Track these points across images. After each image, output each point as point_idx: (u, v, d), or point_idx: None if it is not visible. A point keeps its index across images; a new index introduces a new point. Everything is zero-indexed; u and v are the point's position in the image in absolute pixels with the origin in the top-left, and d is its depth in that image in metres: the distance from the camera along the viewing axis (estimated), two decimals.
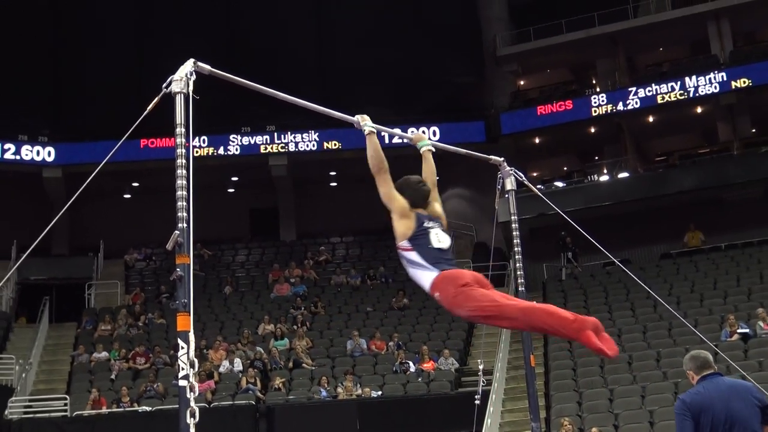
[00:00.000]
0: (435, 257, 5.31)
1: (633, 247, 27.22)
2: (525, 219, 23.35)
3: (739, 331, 19.22)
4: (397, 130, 7.46)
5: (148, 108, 4.95)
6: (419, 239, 5.35)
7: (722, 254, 25.41)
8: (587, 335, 4.80)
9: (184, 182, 4.71)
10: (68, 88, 30.53)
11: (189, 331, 4.57)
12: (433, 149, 6.30)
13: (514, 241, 7.81)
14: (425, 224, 5.41)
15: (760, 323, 19.32)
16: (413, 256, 5.35)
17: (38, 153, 28.42)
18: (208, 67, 5.01)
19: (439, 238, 5.40)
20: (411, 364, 21.09)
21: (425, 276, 5.29)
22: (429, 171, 6.06)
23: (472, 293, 5.09)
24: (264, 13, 31.11)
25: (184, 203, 4.70)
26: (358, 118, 5.94)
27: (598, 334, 4.84)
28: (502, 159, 7.75)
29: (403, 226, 5.40)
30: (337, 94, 29.62)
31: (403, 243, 5.40)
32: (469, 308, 5.11)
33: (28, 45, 30.02)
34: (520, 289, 8.24)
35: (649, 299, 21.20)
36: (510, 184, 7.59)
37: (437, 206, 5.68)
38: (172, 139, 4.96)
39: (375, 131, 5.80)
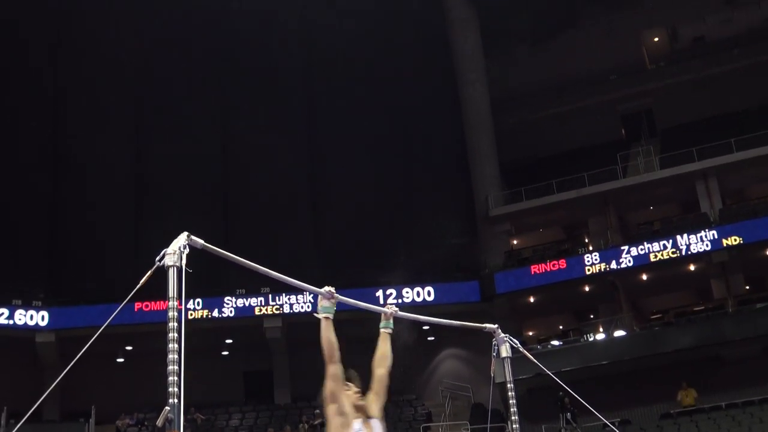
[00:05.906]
0: None
1: (632, 407, 26.79)
2: (523, 379, 23.17)
3: None
4: (375, 306, 6.93)
5: (141, 282, 4.96)
6: None
7: (723, 413, 25.04)
8: None
9: (176, 356, 4.66)
10: (63, 253, 30.68)
11: None
12: (390, 331, 5.99)
13: (510, 404, 7.71)
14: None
15: None
16: None
17: (32, 317, 28.27)
18: (201, 241, 5.03)
19: None
20: None
21: None
22: (383, 354, 5.80)
23: None
24: (259, 185, 31.62)
25: (176, 378, 4.63)
26: (325, 291, 5.63)
27: None
28: (496, 326, 7.69)
29: (338, 427, 5.30)
30: (335, 258, 29.85)
31: None
32: None
33: (23, 213, 30.37)
34: None
35: None
36: (505, 351, 7.53)
37: (375, 406, 5.48)
38: (167, 302, 4.94)
39: (330, 317, 5.56)
